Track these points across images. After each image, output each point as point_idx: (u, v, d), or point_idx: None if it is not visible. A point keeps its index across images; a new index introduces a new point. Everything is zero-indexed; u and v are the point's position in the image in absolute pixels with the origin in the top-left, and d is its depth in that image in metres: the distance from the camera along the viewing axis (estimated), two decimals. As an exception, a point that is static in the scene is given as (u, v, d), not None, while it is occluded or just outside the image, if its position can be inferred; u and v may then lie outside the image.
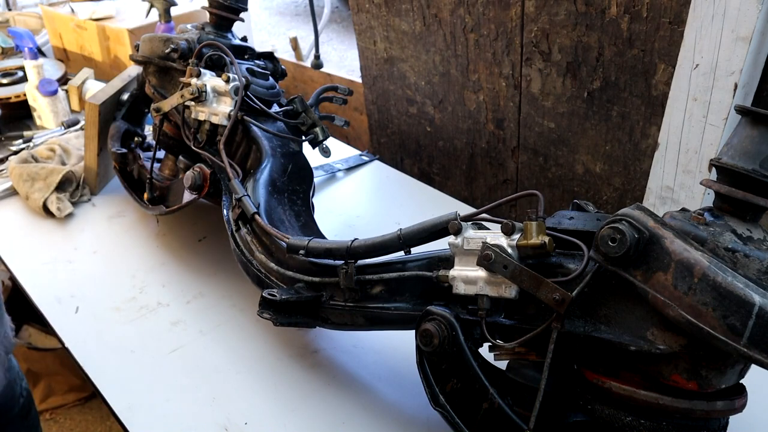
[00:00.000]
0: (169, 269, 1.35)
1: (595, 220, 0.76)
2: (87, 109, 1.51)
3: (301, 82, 2.24)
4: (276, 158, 1.22)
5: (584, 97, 1.30)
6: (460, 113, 1.59)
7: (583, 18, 1.22)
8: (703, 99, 1.08)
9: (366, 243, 0.92)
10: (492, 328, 0.79)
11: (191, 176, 1.22)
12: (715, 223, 0.67)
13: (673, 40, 1.11)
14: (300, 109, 1.35)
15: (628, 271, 0.66)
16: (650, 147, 1.24)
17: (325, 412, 1.00)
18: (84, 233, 1.49)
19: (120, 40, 2.13)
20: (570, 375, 0.77)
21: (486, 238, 0.77)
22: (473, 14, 1.42)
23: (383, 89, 1.77)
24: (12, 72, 2.10)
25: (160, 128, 1.35)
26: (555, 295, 0.70)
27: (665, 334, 0.66)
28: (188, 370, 1.09)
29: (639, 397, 0.69)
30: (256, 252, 1.09)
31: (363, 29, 1.72)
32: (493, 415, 0.77)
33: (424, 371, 0.82)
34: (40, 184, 1.54)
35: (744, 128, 0.66)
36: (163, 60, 1.33)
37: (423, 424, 0.97)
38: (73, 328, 1.19)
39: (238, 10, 1.37)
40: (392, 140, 1.85)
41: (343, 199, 1.62)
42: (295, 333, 1.16)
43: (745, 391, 0.72)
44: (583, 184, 1.41)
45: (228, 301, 1.25)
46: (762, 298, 0.59)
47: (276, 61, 1.47)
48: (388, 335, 1.05)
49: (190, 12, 2.24)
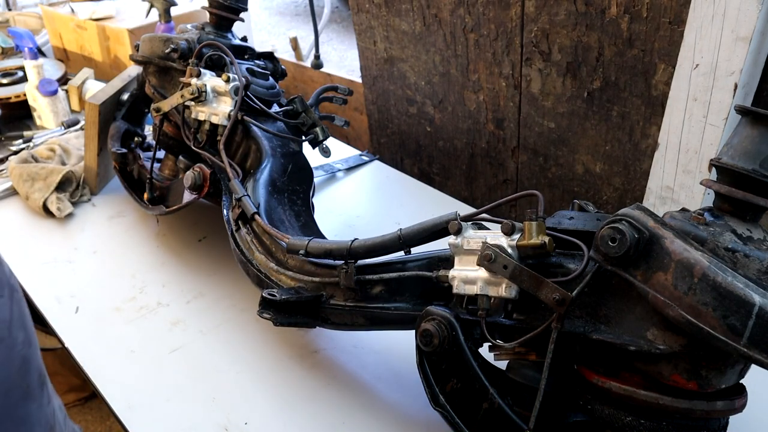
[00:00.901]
0: (169, 269, 1.35)
1: (595, 220, 0.76)
2: (87, 109, 1.51)
3: (301, 82, 2.24)
4: (276, 158, 1.22)
5: (584, 97, 1.30)
6: (460, 113, 1.59)
7: (583, 18, 1.22)
8: (703, 99, 1.08)
9: (366, 243, 0.92)
10: (492, 328, 0.79)
11: (191, 176, 1.22)
12: (715, 223, 0.67)
13: (673, 40, 1.11)
14: (300, 109, 1.35)
15: (628, 271, 0.66)
16: (650, 147, 1.24)
17: (325, 412, 1.00)
18: (84, 233, 1.49)
19: (120, 40, 2.13)
20: (570, 375, 0.78)
21: (486, 238, 0.78)
22: (473, 14, 1.42)
23: (383, 89, 1.77)
24: (12, 72, 2.09)
25: (160, 128, 1.35)
26: (555, 295, 0.70)
27: (665, 334, 0.66)
28: (188, 370, 1.09)
29: (639, 397, 0.69)
30: (256, 252, 1.09)
31: (363, 29, 1.72)
32: (493, 415, 0.77)
33: (424, 371, 0.82)
34: (40, 184, 1.54)
35: (744, 128, 0.66)
36: (163, 60, 1.33)
37: (423, 424, 0.97)
38: (73, 328, 1.19)
39: (238, 10, 1.37)
40: (392, 140, 1.85)
41: (343, 199, 1.62)
42: (295, 333, 1.16)
43: (745, 391, 0.72)
44: (583, 184, 1.41)
45: (228, 301, 1.25)
46: (762, 298, 0.59)
47: (276, 61, 1.47)
48: (388, 335, 1.05)
49: (190, 12, 2.23)
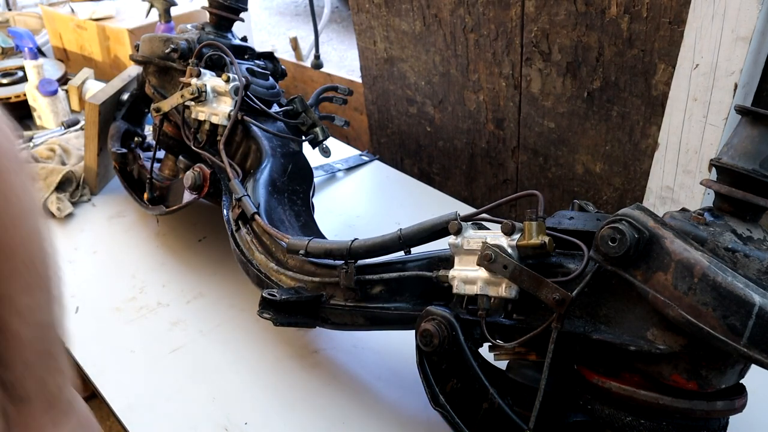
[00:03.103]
0: (169, 269, 1.35)
1: (595, 220, 0.76)
2: (87, 109, 1.51)
3: (301, 82, 2.24)
4: (276, 158, 1.22)
5: (584, 97, 1.30)
6: (460, 113, 1.59)
7: (583, 18, 1.22)
8: (703, 99, 1.08)
9: (366, 243, 0.92)
10: (492, 328, 0.79)
11: (191, 176, 1.22)
12: (715, 223, 0.67)
13: (673, 40, 1.11)
14: (300, 109, 1.35)
15: (628, 271, 0.66)
16: (650, 147, 1.24)
17: (325, 412, 1.00)
18: (84, 233, 1.49)
19: (120, 40, 2.13)
20: (570, 375, 0.78)
21: (486, 238, 0.77)
22: (473, 14, 1.42)
23: (383, 89, 1.77)
24: (12, 72, 2.09)
25: (160, 128, 1.35)
26: (555, 295, 0.70)
27: (665, 334, 0.66)
28: (188, 370, 1.09)
29: (639, 397, 0.69)
30: (256, 252, 1.09)
31: (363, 29, 1.72)
32: (493, 415, 0.77)
33: (424, 371, 0.82)
34: (40, 184, 1.54)
35: (744, 128, 0.66)
36: (163, 60, 1.33)
37: (423, 424, 0.97)
38: (73, 328, 1.19)
39: (238, 10, 1.37)
40: (392, 140, 1.85)
41: (343, 199, 1.62)
42: (295, 333, 1.16)
43: (745, 391, 0.72)
44: (583, 184, 1.41)
45: (228, 301, 1.25)
46: (762, 298, 0.59)
47: (276, 61, 1.46)
48: (388, 335, 1.05)
49: (190, 12, 2.23)
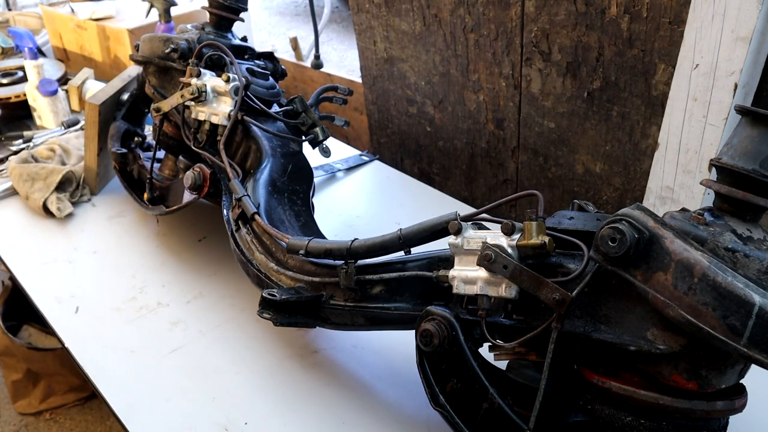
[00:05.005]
0: (169, 269, 1.35)
1: (595, 220, 0.76)
2: (87, 109, 1.51)
3: (301, 82, 2.24)
4: (276, 158, 1.22)
5: (584, 97, 1.30)
6: (460, 113, 1.59)
7: (583, 18, 1.22)
8: (703, 99, 1.08)
9: (366, 243, 0.92)
10: (492, 328, 0.79)
11: (191, 176, 1.22)
12: (715, 223, 0.67)
13: (673, 40, 1.11)
14: (300, 109, 1.35)
15: (628, 271, 0.66)
16: (650, 147, 1.24)
17: (325, 412, 1.00)
18: (84, 233, 1.49)
19: (120, 40, 2.13)
20: (570, 375, 0.77)
21: (486, 238, 0.77)
22: (473, 14, 1.42)
23: (383, 89, 1.77)
24: (12, 72, 2.09)
25: (160, 128, 1.35)
26: (555, 295, 0.70)
27: (665, 334, 0.66)
28: (188, 370, 1.09)
29: (639, 397, 0.69)
30: (256, 252, 1.09)
31: (363, 29, 1.72)
32: (493, 415, 0.77)
33: (424, 371, 0.82)
34: (40, 184, 1.54)
35: (744, 128, 0.66)
36: (163, 60, 1.33)
37: (423, 424, 0.97)
38: (73, 328, 1.19)
39: (238, 10, 1.37)
40: (392, 140, 1.85)
41: (343, 199, 1.62)
42: (295, 333, 1.16)
43: (745, 391, 0.72)
44: (583, 184, 1.41)
45: (228, 301, 1.25)
46: (762, 298, 0.59)
47: (276, 61, 1.47)
48: (388, 335, 1.05)
49: (190, 12, 2.23)
